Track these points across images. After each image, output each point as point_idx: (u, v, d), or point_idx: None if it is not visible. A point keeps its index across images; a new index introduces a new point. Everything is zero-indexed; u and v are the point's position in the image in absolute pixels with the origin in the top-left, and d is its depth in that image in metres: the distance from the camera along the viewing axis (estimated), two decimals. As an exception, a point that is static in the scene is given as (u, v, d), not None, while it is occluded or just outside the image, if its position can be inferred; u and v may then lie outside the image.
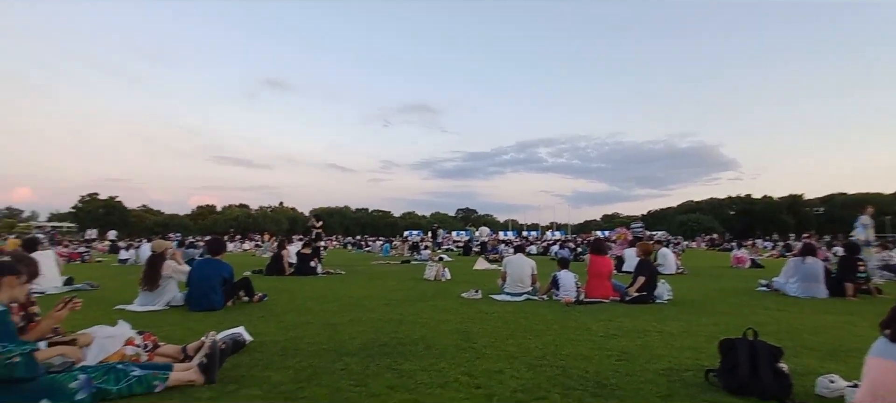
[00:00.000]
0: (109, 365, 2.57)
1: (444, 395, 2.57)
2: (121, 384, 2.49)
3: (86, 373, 2.45)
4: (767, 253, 22.43)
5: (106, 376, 2.48)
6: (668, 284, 6.80)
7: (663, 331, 4.34)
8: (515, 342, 3.90)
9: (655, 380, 2.86)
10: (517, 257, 6.97)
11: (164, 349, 3.20)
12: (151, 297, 5.69)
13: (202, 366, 2.75)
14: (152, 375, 2.60)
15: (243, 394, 2.57)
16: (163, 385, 2.60)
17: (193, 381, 2.70)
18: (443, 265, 9.96)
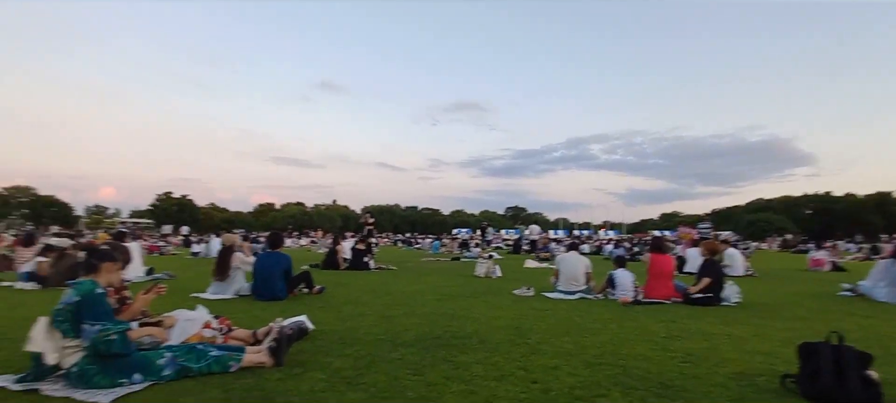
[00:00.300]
0: (191, 345, 2.79)
1: (500, 388, 2.57)
2: (201, 363, 2.70)
3: (171, 352, 2.69)
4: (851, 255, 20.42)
5: (188, 355, 2.70)
6: (736, 286, 6.38)
7: (732, 335, 4.09)
8: (571, 339, 3.82)
9: (725, 384, 2.70)
10: (571, 255, 6.82)
11: (237, 332, 3.43)
12: (222, 287, 6.11)
13: (271, 350, 2.93)
14: (228, 356, 2.80)
15: (308, 377, 2.70)
16: (237, 365, 2.79)
17: (263, 363, 2.88)
18: (493, 262, 9.93)
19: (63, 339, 2.49)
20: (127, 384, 2.49)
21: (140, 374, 2.54)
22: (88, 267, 2.69)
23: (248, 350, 2.92)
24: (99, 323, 2.45)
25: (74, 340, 2.49)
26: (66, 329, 2.48)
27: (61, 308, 2.50)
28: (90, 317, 2.46)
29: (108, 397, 2.34)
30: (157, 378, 2.57)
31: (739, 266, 10.33)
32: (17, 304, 5.31)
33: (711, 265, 6.12)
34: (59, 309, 2.51)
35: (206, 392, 2.45)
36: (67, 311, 2.49)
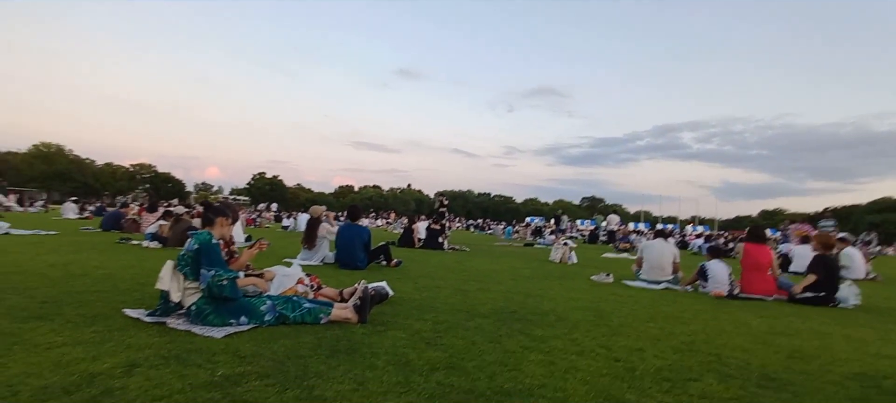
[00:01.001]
0: (288, 297, 3.05)
1: (580, 361, 2.50)
2: (296, 312, 2.94)
3: (271, 300, 2.95)
4: None
5: (285, 304, 2.95)
6: (855, 287, 5.60)
7: (849, 336, 3.61)
8: (657, 325, 3.61)
9: (842, 383, 2.39)
10: (657, 241, 6.41)
11: (326, 290, 3.68)
12: (310, 254, 6.59)
13: (356, 307, 3.11)
14: (318, 309, 3.02)
15: (390, 334, 2.83)
16: (326, 318, 3.00)
17: (349, 319, 3.06)
18: (569, 248, 9.64)
19: (185, 281, 2.84)
20: (235, 324, 2.79)
21: (246, 317, 2.83)
22: (205, 221, 3.03)
23: (335, 306, 3.12)
24: (213, 269, 2.76)
25: (194, 282, 2.83)
26: (187, 272, 2.82)
27: (184, 253, 2.85)
28: (207, 263, 2.78)
29: (220, 333, 2.63)
30: (259, 321, 2.84)
31: (859, 267, 9.04)
32: (144, 258, 6.15)
33: (824, 260, 5.42)
34: (183, 254, 2.86)
35: (301, 337, 2.66)
36: (189, 257, 2.83)
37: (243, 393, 1.82)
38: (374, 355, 2.41)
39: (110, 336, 2.49)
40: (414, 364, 2.29)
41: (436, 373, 2.18)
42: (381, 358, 2.35)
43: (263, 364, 2.18)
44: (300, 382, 1.97)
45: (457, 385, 2.04)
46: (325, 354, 2.38)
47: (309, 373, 2.09)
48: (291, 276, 3.54)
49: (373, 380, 2.04)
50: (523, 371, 2.30)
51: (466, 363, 2.37)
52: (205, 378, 1.96)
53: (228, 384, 1.91)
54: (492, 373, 2.23)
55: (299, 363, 2.22)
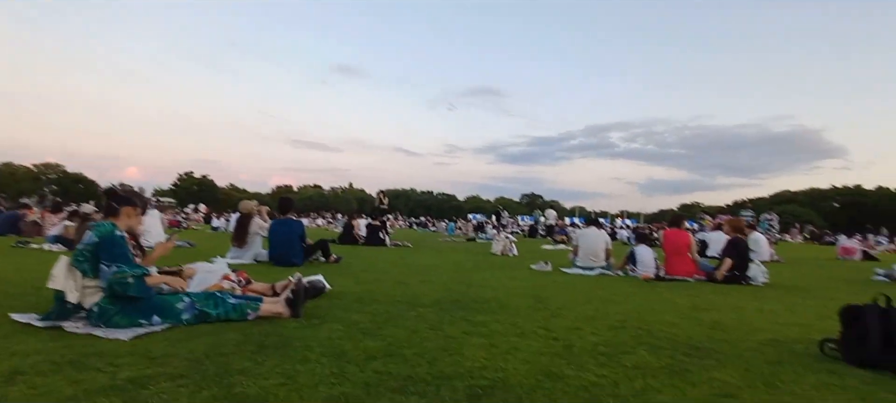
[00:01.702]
0: (210, 293, 2.78)
1: (520, 343, 2.49)
2: (219, 309, 2.68)
3: (190, 297, 2.67)
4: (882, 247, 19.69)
5: (206, 301, 2.68)
6: (763, 267, 6.16)
7: (762, 309, 3.93)
8: (593, 307, 3.71)
9: (759, 349, 2.57)
10: (591, 230, 6.67)
11: (255, 286, 3.42)
12: (240, 252, 6.16)
13: (289, 301, 2.90)
14: (246, 304, 2.78)
15: (326, 327, 2.66)
16: (254, 314, 2.77)
17: (281, 314, 2.85)
18: (510, 241, 9.82)
19: (83, 279, 2.49)
20: (146, 325, 2.49)
21: (159, 316, 2.54)
22: (108, 210, 2.68)
23: (265, 301, 2.89)
24: (115, 265, 2.44)
25: (94, 280, 2.49)
26: (85, 269, 2.48)
27: (82, 247, 2.50)
28: (107, 259, 2.46)
29: (128, 334, 2.33)
30: (176, 321, 2.57)
31: (765, 251, 10.01)
32: (44, 261, 5.42)
33: (736, 243, 5.91)
34: (80, 248, 2.51)
35: (224, 334, 2.42)
36: (87, 252, 2.49)
37: (149, 396, 1.60)
38: (307, 348, 2.24)
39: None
40: (350, 355, 2.16)
41: (373, 362, 2.06)
42: (314, 351, 2.19)
43: (177, 364, 1.95)
44: (219, 381, 1.77)
45: (395, 373, 1.94)
46: (250, 350, 2.17)
47: (230, 371, 1.89)
48: (215, 272, 3.25)
49: (304, 373, 1.89)
50: (464, 354, 2.24)
51: (406, 350, 2.27)
52: (103, 383, 1.71)
53: (132, 387, 1.68)
54: (432, 359, 2.15)
55: (219, 361, 2.01)
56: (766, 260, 9.36)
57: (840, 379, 2.08)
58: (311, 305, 3.24)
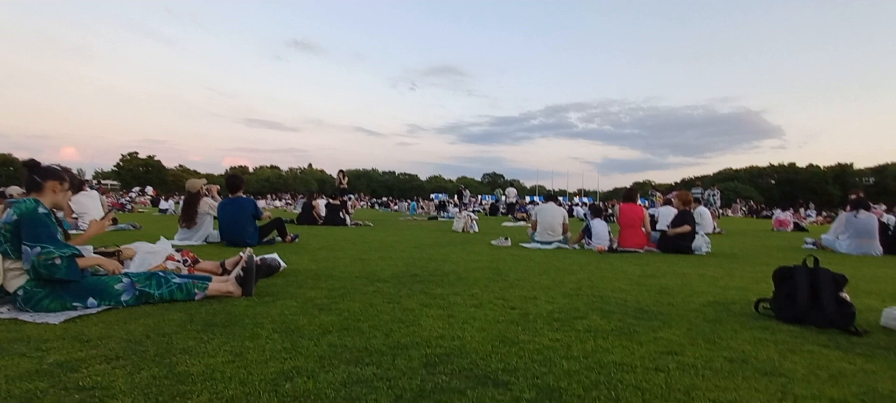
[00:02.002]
0: (152, 272, 2.61)
1: (477, 313, 2.51)
2: (162, 289, 2.54)
3: (129, 277, 2.50)
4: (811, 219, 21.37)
5: (148, 281, 2.53)
6: (706, 237, 6.53)
7: (704, 275, 4.16)
8: (549, 277, 3.81)
9: (701, 310, 2.72)
10: (549, 205, 6.81)
11: (203, 264, 3.26)
12: (189, 233, 5.86)
13: (239, 279, 2.78)
14: (192, 284, 2.64)
15: (279, 304, 2.58)
16: (202, 293, 2.64)
17: (231, 293, 2.73)
18: (470, 218, 9.90)
19: (4, 261, 2.28)
20: (81, 308, 2.32)
21: (95, 298, 2.36)
22: (30, 185, 2.45)
23: (214, 279, 2.76)
24: (39, 245, 2.24)
25: (17, 262, 2.28)
26: (6, 250, 2.27)
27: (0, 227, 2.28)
28: (29, 239, 2.24)
29: (59, 319, 2.16)
30: (114, 303, 2.40)
31: (708, 223, 10.60)
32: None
33: (686, 214, 6.22)
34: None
35: (168, 314, 2.30)
36: (7, 231, 2.27)
37: (80, 379, 1.49)
38: (258, 325, 2.16)
39: None
40: (304, 330, 2.10)
41: (328, 336, 2.02)
42: (265, 328, 2.12)
43: (113, 346, 1.83)
44: (160, 361, 1.68)
45: (350, 345, 1.90)
46: (196, 329, 2.07)
47: (173, 350, 1.79)
48: (158, 253, 3.07)
49: (253, 350, 1.81)
50: (422, 325, 2.23)
51: (362, 323, 2.23)
52: (28, 368, 1.58)
53: (61, 371, 1.56)
54: (389, 331, 2.13)
55: (161, 341, 1.90)
56: (709, 232, 9.94)
57: (772, 334, 2.23)
58: (264, 283, 3.14)
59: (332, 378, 1.56)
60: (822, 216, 22.39)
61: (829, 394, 1.53)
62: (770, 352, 1.95)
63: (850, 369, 1.78)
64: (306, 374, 1.58)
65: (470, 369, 1.67)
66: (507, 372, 1.64)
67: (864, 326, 2.38)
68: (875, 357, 1.93)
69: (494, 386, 1.52)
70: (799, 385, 1.60)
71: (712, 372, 1.70)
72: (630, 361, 1.79)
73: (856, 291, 3.48)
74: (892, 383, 1.65)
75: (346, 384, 1.51)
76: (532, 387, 1.52)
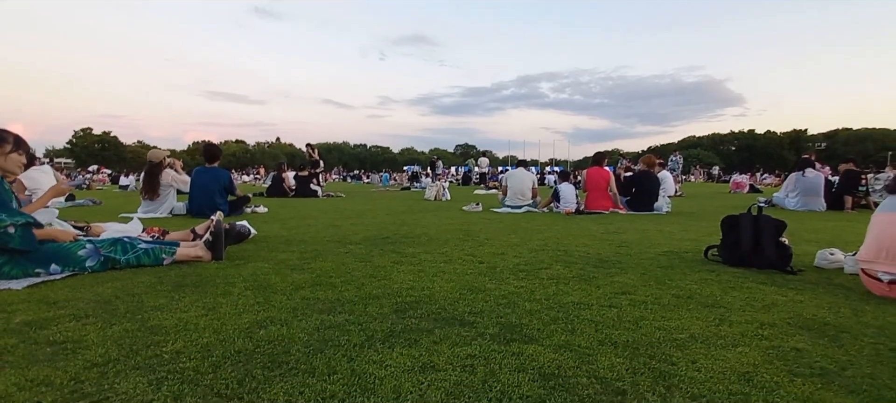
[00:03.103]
0: (116, 238, 2.58)
1: (448, 268, 2.61)
2: (129, 254, 2.51)
3: (92, 244, 2.46)
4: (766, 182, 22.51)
5: (112, 246, 2.49)
6: (667, 198, 6.83)
7: (662, 230, 4.40)
8: (517, 236, 3.94)
9: (655, 259, 2.91)
10: (518, 170, 6.95)
11: (173, 234, 3.22)
12: (153, 206, 5.71)
13: (208, 243, 2.78)
14: (160, 248, 2.62)
15: (251, 267, 2.60)
16: (170, 259, 2.63)
17: (200, 257, 2.73)
18: (443, 187, 9.97)
19: (-43, 229, 2.20)
20: (43, 274, 2.28)
21: (59, 265, 2.32)
22: (-24, 151, 2.34)
23: (182, 245, 2.74)
24: (-7, 211, 2.17)
25: (-29, 229, 2.20)
26: (-42, 217, 2.18)
27: (-50, 194, 2.19)
28: (-19, 205, 2.17)
29: (21, 284, 2.12)
30: (78, 268, 2.37)
31: (671, 186, 11.04)
32: None
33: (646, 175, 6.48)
34: (-52, 194, 2.19)
35: (136, 278, 2.29)
36: (-43, 197, 2.18)
37: (50, 335, 1.50)
38: (230, 284, 2.18)
39: None
40: (277, 287, 2.14)
41: (301, 291, 2.07)
42: (237, 286, 2.15)
43: (82, 306, 1.83)
44: (131, 317, 1.69)
45: (323, 298, 1.96)
46: (167, 289, 2.08)
47: (144, 307, 1.81)
48: (128, 232, 3.00)
49: (227, 305, 1.85)
50: (393, 279, 2.31)
51: (334, 279, 2.29)
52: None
53: (30, 329, 1.56)
54: (360, 285, 2.20)
55: (131, 300, 1.91)
56: (671, 195, 10.37)
57: (717, 276, 2.42)
58: (235, 249, 3.14)
59: (306, 325, 1.62)
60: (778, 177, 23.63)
61: (760, 319, 1.70)
62: (714, 290, 2.13)
63: (782, 300, 1.97)
64: (280, 322, 1.64)
65: (438, 313, 1.76)
66: (473, 314, 1.75)
67: (800, 266, 2.61)
68: (804, 291, 2.13)
69: (460, 325, 1.61)
70: (736, 314, 1.77)
71: (660, 307, 1.85)
72: (587, 301, 1.93)
73: (797, 240, 3.77)
74: (815, 309, 1.85)
75: (318, 329, 1.58)
76: (496, 325, 1.62)
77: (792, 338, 1.51)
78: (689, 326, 1.62)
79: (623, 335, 1.53)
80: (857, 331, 1.59)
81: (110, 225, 3.21)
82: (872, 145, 62.69)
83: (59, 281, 2.24)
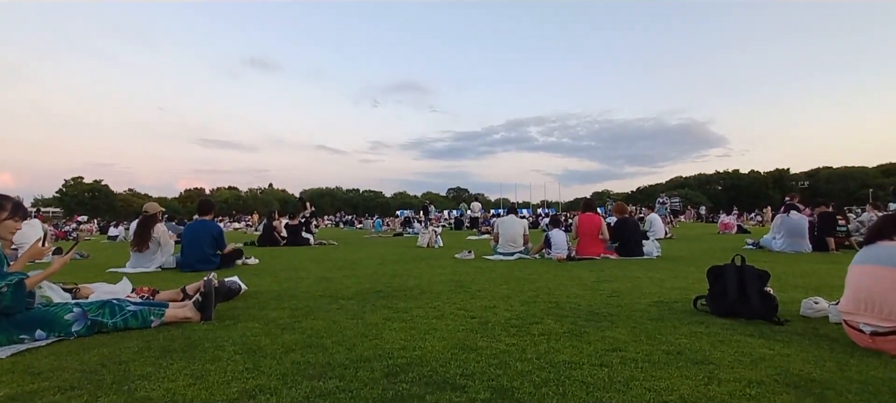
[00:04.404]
0: (104, 301, 2.55)
1: (439, 324, 2.60)
2: (116, 317, 2.48)
3: (80, 307, 2.44)
4: (753, 222, 22.84)
5: (101, 309, 2.47)
6: (657, 242, 6.91)
7: (653, 278, 4.43)
8: (509, 287, 3.95)
9: (646, 310, 2.93)
10: (509, 217, 7.02)
11: (163, 294, 3.19)
12: (143, 259, 5.65)
13: (197, 304, 2.75)
14: (148, 310, 2.59)
15: (240, 326, 2.58)
16: (159, 321, 2.60)
17: (189, 318, 2.70)
18: (435, 233, 10.00)
19: (-57, 296, 2.18)
20: (28, 340, 2.24)
21: (44, 330, 2.29)
22: (-31, 215, 2.35)
23: (171, 305, 2.72)
24: (-16, 275, 2.16)
25: (-43, 296, 2.18)
26: (-55, 284, 2.17)
27: (-62, 260, 2.18)
28: (-26, 268, 2.17)
29: (6, 353, 2.09)
30: (64, 333, 2.33)
31: (660, 229, 11.18)
32: None
33: (624, 222, 6.61)
34: (-64, 261, 2.18)
35: (123, 343, 2.26)
36: (-54, 264, 2.18)
37: (34, 411, 1.47)
38: (219, 348, 2.16)
39: None
40: (266, 350, 2.12)
41: (291, 354, 2.05)
42: (226, 350, 2.13)
43: (67, 376, 1.80)
44: (118, 388, 1.67)
45: (313, 361, 1.95)
46: (154, 355, 2.06)
47: (131, 377, 1.78)
48: (116, 294, 2.98)
49: (215, 372, 1.83)
50: (384, 338, 2.30)
51: (325, 340, 2.28)
52: (-26, 405, 1.54)
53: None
54: (351, 345, 2.19)
55: (118, 369, 1.88)
56: (660, 237, 10.48)
57: (706, 328, 2.44)
58: (225, 307, 3.11)
59: (296, 393, 1.60)
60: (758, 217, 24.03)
61: (748, 377, 1.72)
62: (703, 344, 2.15)
63: (769, 354, 2.00)
64: (269, 391, 1.62)
65: (429, 376, 1.76)
66: (465, 377, 1.74)
67: (787, 316, 2.64)
68: (791, 343, 2.16)
69: (452, 390, 1.61)
70: (724, 371, 1.78)
71: (650, 364, 1.86)
72: (578, 359, 1.94)
73: (784, 285, 3.83)
74: (802, 364, 1.87)
75: (309, 398, 1.56)
76: (487, 389, 1.62)
77: (779, 397, 1.53)
78: (678, 386, 1.63)
79: (614, 398, 1.53)
80: (842, 387, 1.61)
81: (99, 286, 3.17)
82: (853, 183, 64.25)
83: (44, 347, 2.21)
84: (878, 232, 2.15)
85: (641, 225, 9.60)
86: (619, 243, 6.60)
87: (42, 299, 2.58)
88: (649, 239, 7.31)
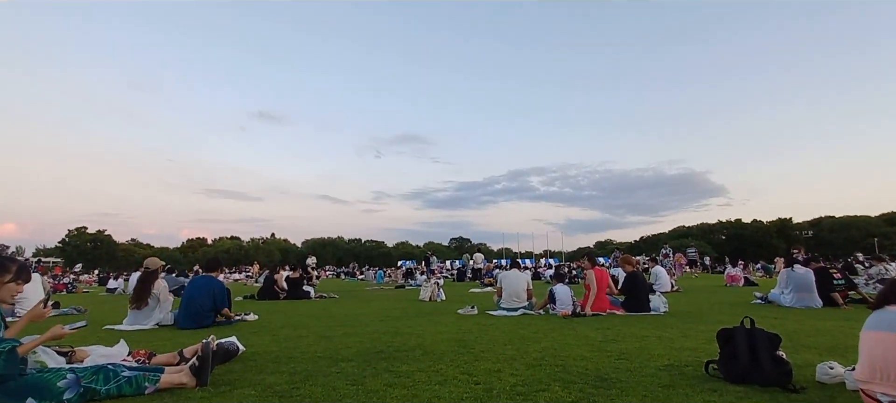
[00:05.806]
0: (99, 366, 2.49)
1: (442, 391, 2.52)
2: (110, 384, 2.41)
3: (74, 373, 2.38)
4: (760, 274, 22.51)
5: (95, 376, 2.41)
6: (663, 297, 6.79)
7: (661, 336, 4.32)
8: (513, 347, 3.85)
9: (656, 375, 2.83)
10: (512, 272, 6.95)
11: (160, 357, 3.12)
12: (141, 316, 5.56)
13: (194, 368, 2.68)
14: (143, 376, 2.53)
15: (236, 394, 2.50)
16: (153, 387, 2.52)
17: (184, 384, 2.62)
18: (437, 286, 9.87)
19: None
20: (18, 410, 2.17)
21: (34, 398, 2.22)
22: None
23: (167, 371, 2.65)
24: (-21, 341, 2.13)
25: (-50, 363, 2.14)
26: (-62, 350, 2.13)
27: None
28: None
29: (-8, 425, 2.01)
30: (56, 402, 2.26)
31: (665, 282, 11.03)
32: None
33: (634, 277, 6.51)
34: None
35: (116, 413, 2.18)
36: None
37: None
38: (214, 418, 2.09)
39: None
40: (262, 421, 2.04)
41: (288, 426, 1.98)
42: (222, 421, 2.05)
43: (55, 453, 1.72)
44: (107, 466, 1.60)
45: (311, 435, 1.87)
46: (147, 427, 1.98)
47: (121, 453, 1.71)
48: (114, 357, 2.92)
49: (209, 447, 1.75)
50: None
51: (324, 410, 2.20)
52: (-45, 487, 1.47)
53: (-5, 487, 1.46)
54: (351, 416, 2.11)
55: (109, 443, 1.81)
56: (666, 291, 10.31)
57: (720, 396, 2.35)
58: (222, 370, 3.03)
59: (292, 473, 1.53)
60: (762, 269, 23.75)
61: (767, 455, 1.63)
62: (717, 415, 2.06)
63: (788, 427, 1.91)
64: (265, 471, 1.55)
65: (432, 453, 1.68)
66: (469, 454, 1.66)
67: (802, 381, 2.55)
68: (810, 414, 2.07)
69: (456, 470, 1.53)
70: (741, 448, 1.70)
71: (663, 440, 1.78)
72: (587, 433, 1.85)
73: (797, 345, 3.72)
74: (823, 439, 1.78)
75: (306, 479, 1.49)
76: (493, 468, 1.54)
77: (802, 480, 1.45)
78: (694, 466, 1.55)
79: (626, 480, 1.45)
80: (868, 469, 1.53)
81: (95, 349, 3.10)
82: (857, 232, 63.91)
83: (33, 418, 2.13)
84: (886, 298, 2.11)
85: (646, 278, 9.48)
86: (626, 298, 6.48)
87: (36, 364, 2.54)
88: (655, 292, 7.19)
